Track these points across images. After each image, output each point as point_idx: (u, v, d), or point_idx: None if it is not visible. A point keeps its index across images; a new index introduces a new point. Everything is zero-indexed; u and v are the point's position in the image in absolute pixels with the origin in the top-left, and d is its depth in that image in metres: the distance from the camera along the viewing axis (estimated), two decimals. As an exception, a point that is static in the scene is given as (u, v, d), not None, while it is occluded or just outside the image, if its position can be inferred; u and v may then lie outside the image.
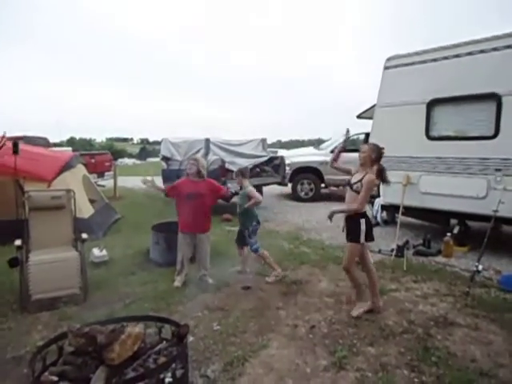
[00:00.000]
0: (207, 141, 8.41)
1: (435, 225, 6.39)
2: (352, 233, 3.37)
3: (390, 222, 7.18)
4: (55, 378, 2.10)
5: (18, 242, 3.72)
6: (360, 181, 3.32)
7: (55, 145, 21.95)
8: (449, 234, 5.31)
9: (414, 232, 6.46)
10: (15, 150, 4.43)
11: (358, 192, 3.32)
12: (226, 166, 7.97)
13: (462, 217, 5.60)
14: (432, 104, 5.60)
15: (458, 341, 2.99)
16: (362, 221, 3.33)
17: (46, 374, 2.16)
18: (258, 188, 9.52)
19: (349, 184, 3.45)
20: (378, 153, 3.42)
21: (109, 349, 2.12)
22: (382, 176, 3.45)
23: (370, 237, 3.41)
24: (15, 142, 4.53)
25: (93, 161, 15.89)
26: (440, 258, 5.15)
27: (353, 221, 3.37)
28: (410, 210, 5.98)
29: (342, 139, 10.45)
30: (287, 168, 9.64)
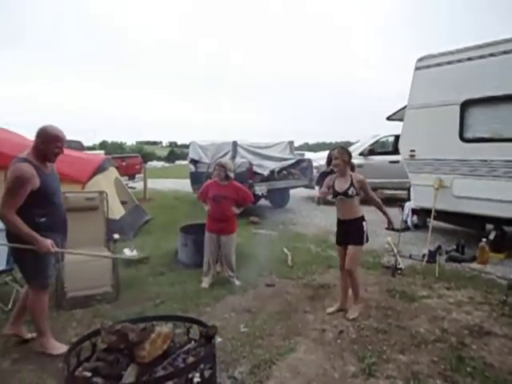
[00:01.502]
0: (235, 143, 8.48)
1: (469, 230, 6.15)
2: (355, 236, 3.41)
3: (420, 226, 6.97)
4: (89, 374, 2.17)
5: (54, 242, 3.88)
6: (352, 184, 3.36)
7: (88, 148, 22.78)
8: (484, 240, 5.10)
9: (447, 237, 6.25)
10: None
11: (353, 197, 3.35)
12: (254, 168, 8.01)
13: (499, 222, 5.36)
14: (466, 104, 5.41)
15: (495, 351, 2.86)
16: (364, 223, 3.43)
17: (80, 369, 2.23)
18: (285, 191, 9.53)
19: (341, 193, 3.39)
20: (349, 154, 3.45)
21: (140, 347, 2.16)
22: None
23: (367, 238, 3.49)
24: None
25: (124, 163, 16.36)
26: (475, 265, 4.94)
27: (355, 224, 3.43)
28: (442, 215, 5.80)
29: (370, 142, 10.25)
30: (314, 171, 9.57)
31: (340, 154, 3.38)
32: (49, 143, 2.71)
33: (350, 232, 3.44)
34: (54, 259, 2.92)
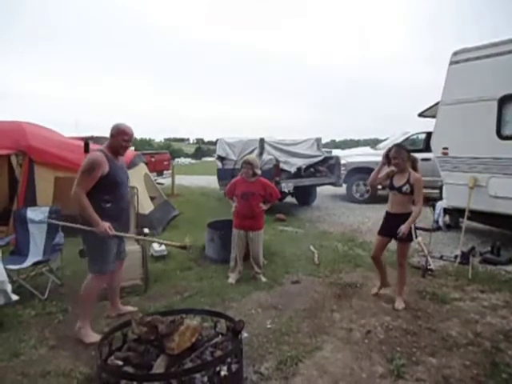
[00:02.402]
0: (261, 140, 8.48)
1: (505, 231, 5.90)
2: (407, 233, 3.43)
3: (452, 226, 6.75)
4: (120, 363, 2.25)
5: (87, 235, 4.02)
6: (408, 182, 3.39)
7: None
8: (522, 242, 4.88)
9: (481, 238, 6.01)
10: (86, 149, 4.79)
11: (407, 194, 3.42)
12: (280, 165, 7.98)
13: (538, 223, 5.12)
14: (504, 100, 5.17)
15: (533, 358, 2.74)
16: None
17: (112, 358, 2.32)
18: (312, 188, 9.45)
19: (395, 188, 3.48)
20: (407, 150, 3.51)
21: (169, 339, 2.22)
22: (415, 167, 3.53)
23: (416, 235, 3.58)
24: (86, 141, 4.90)
25: (153, 160, 16.67)
26: (511, 268, 4.74)
27: (403, 219, 3.43)
28: (476, 215, 5.59)
29: (400, 139, 10.04)
30: (342, 168, 9.44)
31: (397, 153, 3.44)
32: (117, 136, 3.05)
33: (397, 227, 3.42)
34: (116, 248, 3.17)
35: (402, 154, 3.43)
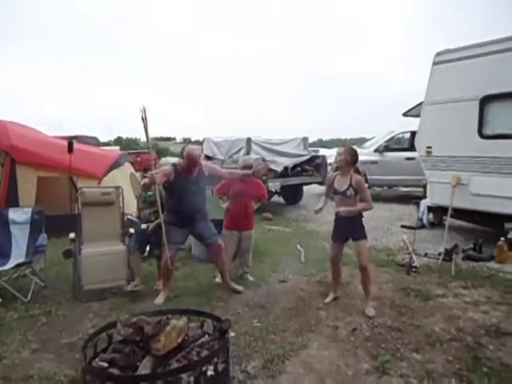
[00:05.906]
0: (248, 140, 8.49)
1: (488, 228, 6.03)
2: (359, 230, 3.48)
3: (436, 224, 6.87)
4: (105, 365, 2.22)
5: (71, 235, 3.96)
6: (350, 185, 3.38)
7: (104, 144, 23.07)
8: (503, 239, 4.99)
9: (464, 236, 6.14)
10: (70, 149, 4.72)
11: (352, 197, 3.40)
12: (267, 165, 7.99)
13: (518, 220, 5.24)
14: (485, 100, 5.29)
15: (513, 352, 2.81)
16: (363, 219, 3.53)
17: (97, 360, 2.29)
18: (299, 187, 9.50)
19: (339, 193, 3.46)
20: (354, 155, 3.45)
21: (155, 339, 2.20)
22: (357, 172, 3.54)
23: None
24: (70, 141, 4.82)
25: (139, 159, 16.50)
26: (492, 264, 4.84)
27: (358, 220, 3.49)
28: (459, 213, 5.70)
29: (385, 138, 10.13)
30: (329, 167, 9.51)
31: (345, 151, 3.43)
32: (185, 159, 3.77)
33: (352, 227, 3.49)
34: (179, 235, 3.79)
35: (348, 155, 3.39)
